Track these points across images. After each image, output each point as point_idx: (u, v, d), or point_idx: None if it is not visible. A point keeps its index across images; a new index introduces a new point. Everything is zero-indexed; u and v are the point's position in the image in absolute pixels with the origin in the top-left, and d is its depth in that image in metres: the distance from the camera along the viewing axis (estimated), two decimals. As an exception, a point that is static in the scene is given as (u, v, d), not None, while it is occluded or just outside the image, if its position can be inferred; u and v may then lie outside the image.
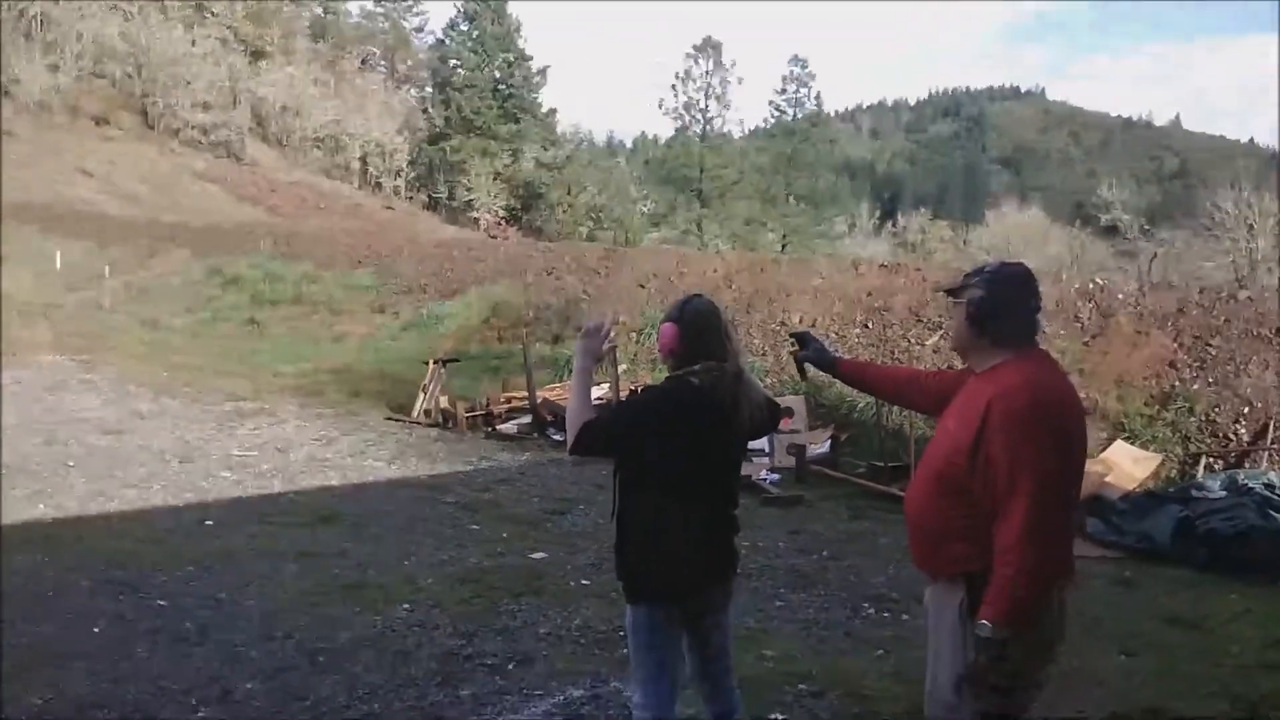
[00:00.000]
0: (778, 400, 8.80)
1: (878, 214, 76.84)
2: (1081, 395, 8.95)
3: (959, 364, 2.62)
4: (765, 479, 8.27)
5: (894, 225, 75.12)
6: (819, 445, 8.96)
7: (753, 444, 8.97)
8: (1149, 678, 4.40)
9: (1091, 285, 10.41)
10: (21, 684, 3.94)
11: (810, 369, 3.03)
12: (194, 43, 53.46)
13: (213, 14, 57.80)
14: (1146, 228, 46.63)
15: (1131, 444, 8.33)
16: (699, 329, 2.75)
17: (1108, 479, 7.41)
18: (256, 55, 59.47)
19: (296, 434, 9.52)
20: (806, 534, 6.77)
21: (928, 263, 31.03)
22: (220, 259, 18.43)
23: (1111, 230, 50.32)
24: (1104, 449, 8.22)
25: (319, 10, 76.95)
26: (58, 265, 19.31)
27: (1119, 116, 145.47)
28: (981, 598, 2.25)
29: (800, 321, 11.45)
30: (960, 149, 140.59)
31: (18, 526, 6.19)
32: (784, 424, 8.76)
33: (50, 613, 4.73)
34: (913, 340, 10.54)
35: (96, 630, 4.56)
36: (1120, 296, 10.02)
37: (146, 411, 10.19)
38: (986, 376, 2.39)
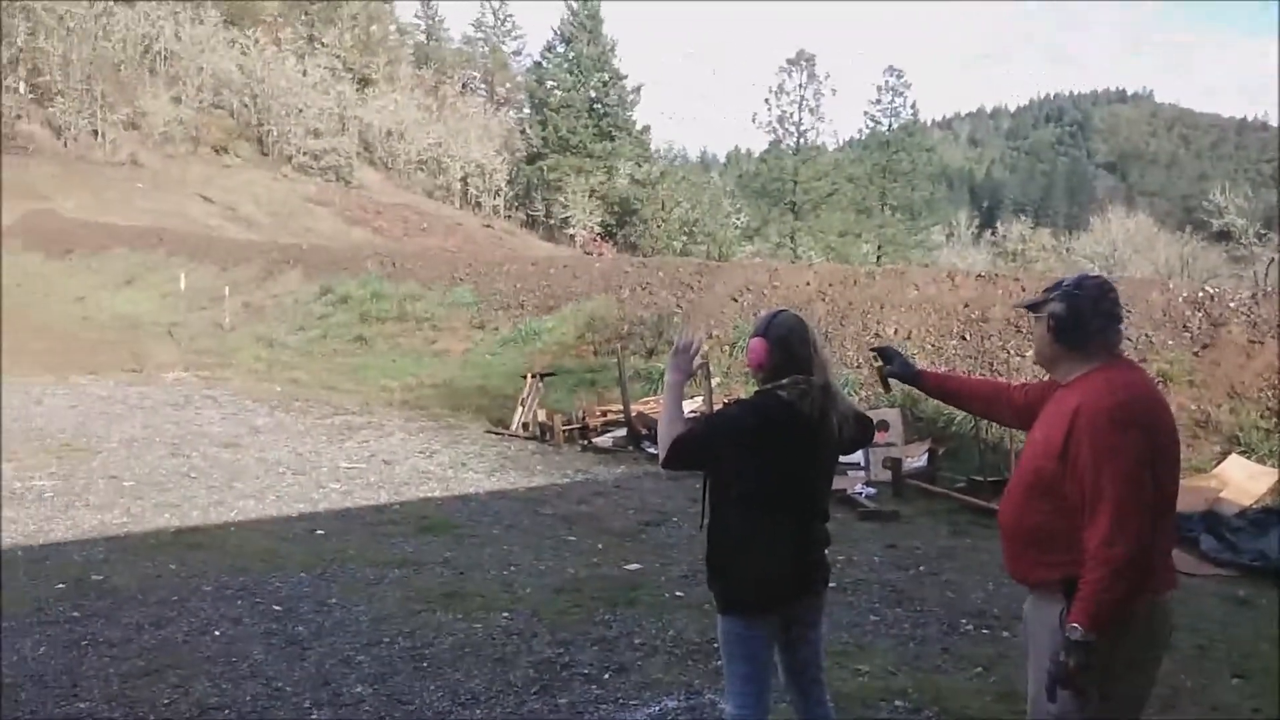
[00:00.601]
0: (873, 413, 8.73)
1: (976, 222, 75.11)
2: (1192, 408, 8.68)
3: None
4: (861, 493, 8.19)
5: (993, 234, 73.24)
6: (916, 459, 8.82)
7: (848, 457, 8.91)
8: (1263, 701, 4.23)
9: (1201, 293, 10.00)
10: (149, 686, 4.18)
11: (894, 382, 3.08)
12: (305, 73, 55.92)
13: (323, 44, 60.36)
14: (1262, 232, 44.27)
15: (1247, 458, 7.97)
16: (786, 343, 2.80)
17: (1222, 495, 7.11)
18: (364, 83, 61.79)
19: (401, 446, 9.85)
20: (903, 549, 6.69)
21: (1027, 272, 30.16)
22: (330, 279, 19.18)
23: (1224, 236, 48.06)
24: (1218, 464, 7.89)
25: (422, 38, 79.60)
26: (182, 287, 20.39)
27: (1232, 118, 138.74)
28: None
29: (895, 334, 11.31)
30: (1064, 155, 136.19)
31: (148, 534, 6.57)
32: (879, 437, 8.69)
33: (176, 617, 5.01)
34: (1012, 351, 10.30)
35: (218, 634, 4.81)
36: (1232, 304, 9.60)
37: (262, 425, 10.68)
38: (1073, 387, 2.44)
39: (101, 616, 4.97)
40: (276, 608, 5.19)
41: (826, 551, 2.96)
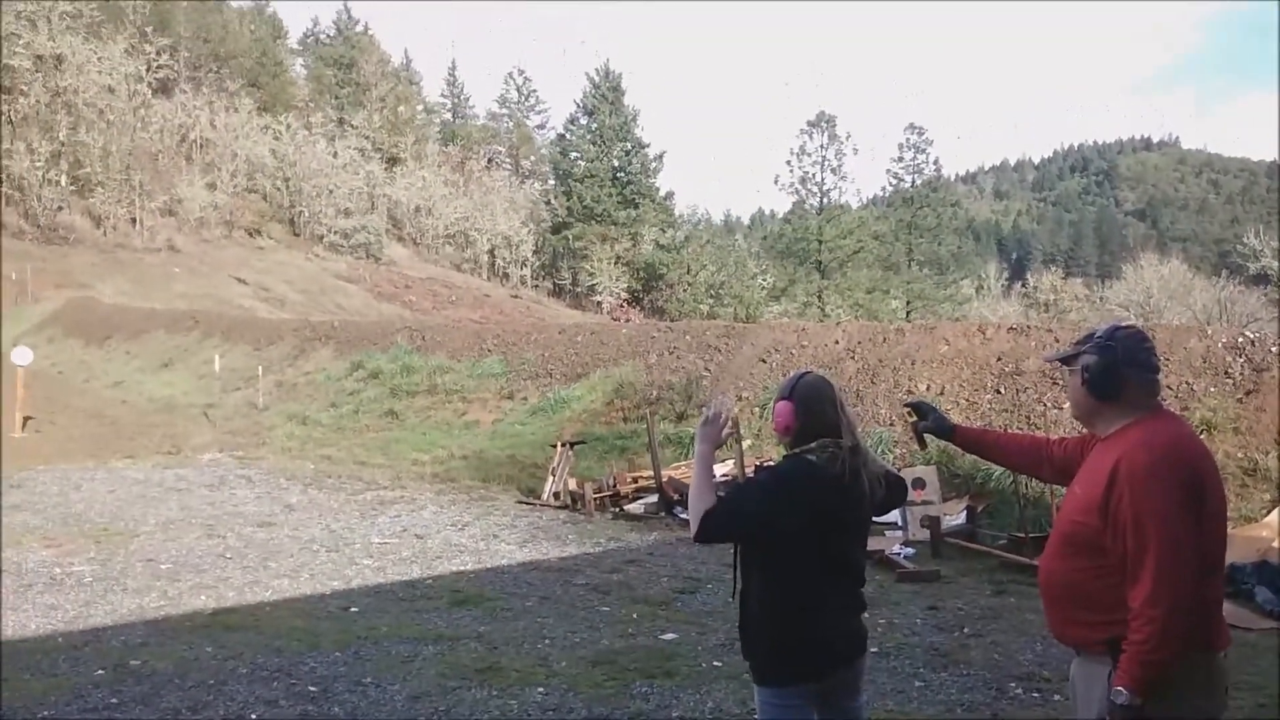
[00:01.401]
0: (908, 471, 8.64)
1: (1005, 275, 74.96)
2: (1239, 456, 8.48)
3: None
4: (899, 553, 8.05)
5: (1024, 286, 72.97)
6: (954, 517, 8.68)
7: (884, 517, 8.79)
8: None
9: (1241, 338, 9.85)
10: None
11: (930, 439, 3.04)
12: (335, 154, 57.52)
13: (352, 126, 62.12)
14: (1301, 274, 43.76)
15: (1300, 506, 7.76)
16: (813, 405, 2.78)
17: (1275, 544, 6.91)
18: (392, 161, 63.37)
19: (433, 520, 9.84)
20: (945, 610, 6.55)
21: (1060, 323, 29.91)
22: (361, 355, 19.40)
23: (1261, 279, 47.56)
24: (1269, 512, 7.68)
25: (449, 115, 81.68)
26: (216, 368, 20.71)
27: (1262, 161, 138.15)
28: None
29: (927, 390, 11.21)
30: (1091, 204, 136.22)
31: (185, 616, 6.56)
32: (916, 495, 8.57)
33: (213, 701, 4.96)
34: (1049, 404, 10.17)
35: (254, 717, 4.76)
36: (1274, 349, 9.44)
37: (296, 504, 10.72)
38: (1112, 440, 2.39)
39: (140, 702, 4.94)
40: (312, 688, 5.14)
41: (865, 616, 2.90)
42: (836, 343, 13.09)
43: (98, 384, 22.20)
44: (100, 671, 5.38)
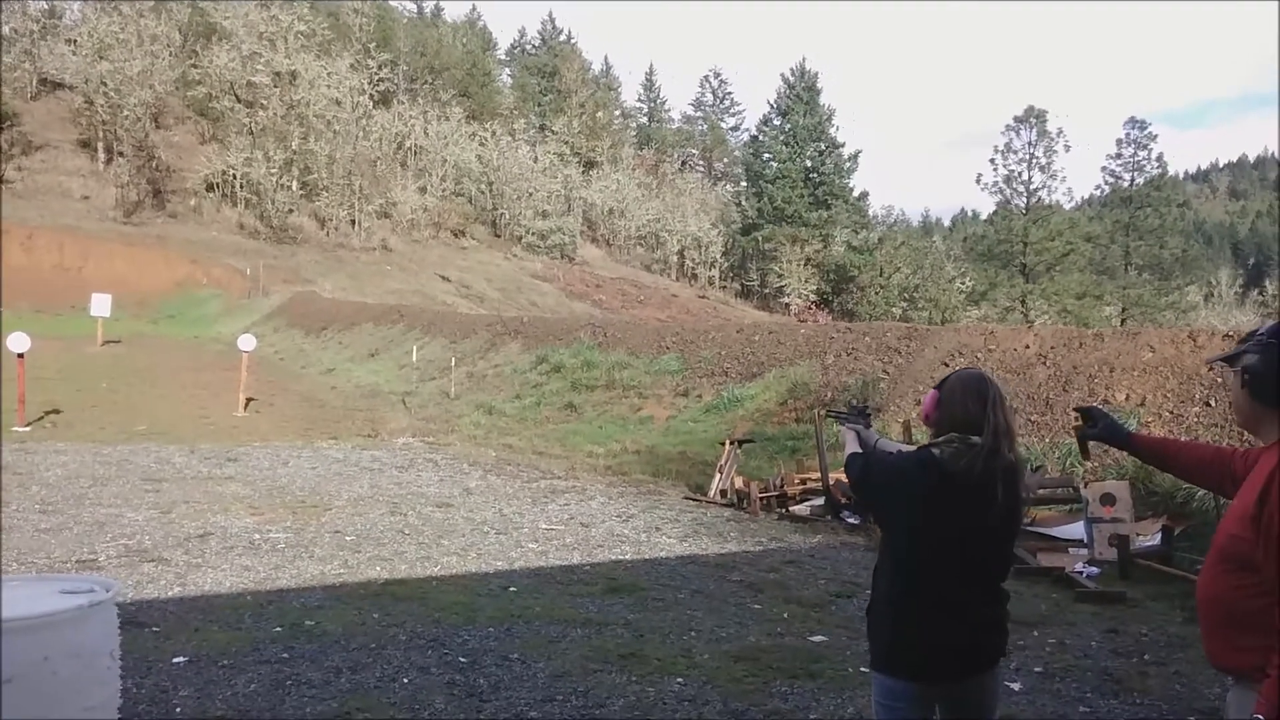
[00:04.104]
0: (1096, 486, 8.06)
1: (1240, 281, 68.48)
2: None
3: None
4: (1082, 572, 7.51)
5: (1261, 293, 66.40)
6: (1148, 537, 7.99)
7: (1068, 534, 8.24)
8: None
9: None
10: (339, 727, 4.41)
11: (1123, 454, 2.83)
12: (536, 159, 59.94)
13: (553, 132, 64.52)
14: None
15: None
16: (956, 399, 2.67)
17: None
18: (588, 165, 65.31)
19: (600, 510, 10.02)
20: (1126, 635, 6.04)
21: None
22: (546, 349, 20.07)
23: None
24: None
25: (645, 120, 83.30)
26: (414, 359, 21.99)
27: None
28: None
29: (1126, 400, 10.40)
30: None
31: (360, 584, 6.98)
32: (1105, 511, 7.98)
33: (371, 663, 5.26)
34: (1267, 419, 9.18)
35: (406, 681, 5.01)
36: None
37: (474, 488, 11.19)
38: (1273, 449, 2.17)
39: (307, 659, 5.29)
40: (463, 659, 5.35)
41: (1006, 629, 2.76)
42: (1027, 347, 12.36)
43: (313, 370, 24.06)
44: (278, 629, 5.81)
